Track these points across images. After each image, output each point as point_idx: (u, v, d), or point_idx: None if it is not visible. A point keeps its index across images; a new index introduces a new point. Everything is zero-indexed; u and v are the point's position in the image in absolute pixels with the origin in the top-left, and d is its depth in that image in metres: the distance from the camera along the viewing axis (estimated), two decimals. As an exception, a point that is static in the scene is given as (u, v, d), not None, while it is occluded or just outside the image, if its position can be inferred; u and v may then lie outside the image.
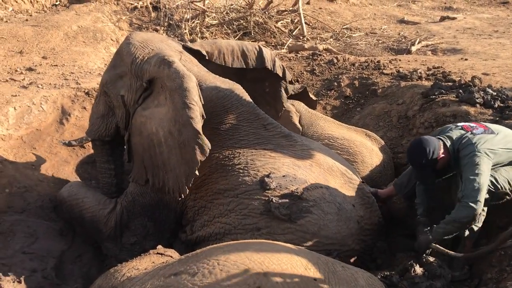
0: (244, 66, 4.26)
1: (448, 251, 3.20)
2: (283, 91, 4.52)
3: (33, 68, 6.00)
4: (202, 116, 3.39)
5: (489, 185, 3.21)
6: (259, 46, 4.36)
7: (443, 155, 3.34)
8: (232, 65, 4.22)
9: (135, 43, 3.82)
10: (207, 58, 4.10)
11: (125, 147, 3.97)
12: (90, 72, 6.15)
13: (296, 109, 5.10)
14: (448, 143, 3.38)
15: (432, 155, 3.30)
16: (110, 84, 3.89)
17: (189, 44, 4.16)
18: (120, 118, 3.93)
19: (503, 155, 3.33)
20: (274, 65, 4.35)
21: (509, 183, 3.31)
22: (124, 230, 3.76)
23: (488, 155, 3.23)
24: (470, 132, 3.38)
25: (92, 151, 4.46)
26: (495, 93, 5.04)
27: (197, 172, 3.31)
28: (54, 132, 5.03)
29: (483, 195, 3.12)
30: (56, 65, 6.24)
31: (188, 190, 3.38)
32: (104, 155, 4.15)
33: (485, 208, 3.25)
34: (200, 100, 3.41)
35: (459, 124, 3.58)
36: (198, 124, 3.31)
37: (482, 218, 3.26)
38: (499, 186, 3.27)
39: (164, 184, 3.52)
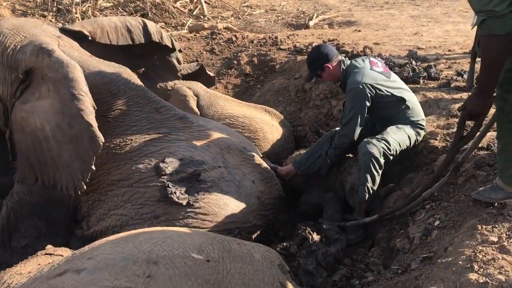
0: (130, 43, 4.08)
1: (363, 219, 3.35)
2: (174, 61, 4.43)
3: None
4: (93, 106, 3.21)
5: (384, 150, 3.38)
6: (142, 20, 4.20)
7: (330, 68, 3.66)
8: (118, 42, 4.02)
9: (4, 31, 3.49)
10: (90, 38, 3.86)
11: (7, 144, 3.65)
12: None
13: (193, 91, 5.00)
14: (345, 65, 3.67)
15: (319, 60, 3.68)
16: None
17: (67, 26, 3.88)
18: None
19: (389, 101, 3.56)
20: (161, 37, 4.22)
21: (399, 145, 3.48)
22: (13, 233, 3.47)
23: (369, 89, 3.49)
24: (369, 68, 3.62)
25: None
26: (384, 61, 5.28)
27: (93, 167, 3.16)
28: None
29: (356, 126, 3.54)
30: None
31: (85, 186, 3.21)
32: None
33: (380, 172, 3.41)
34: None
35: (371, 57, 3.90)
36: (90, 115, 3.14)
37: (378, 179, 3.40)
38: (391, 148, 3.42)
39: (55, 181, 3.32)
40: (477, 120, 2.60)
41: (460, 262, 2.13)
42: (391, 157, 3.45)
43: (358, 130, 3.56)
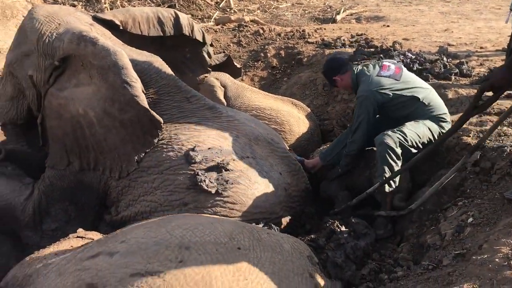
0: (161, 34, 4.06)
1: (394, 212, 3.36)
2: (205, 55, 4.41)
3: None
4: (143, 91, 3.29)
5: (400, 140, 3.38)
6: (174, 12, 4.16)
7: (340, 80, 3.83)
8: (149, 33, 4.01)
9: (40, 18, 3.52)
10: (121, 28, 3.88)
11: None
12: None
13: (221, 82, 5.01)
14: (355, 74, 3.76)
15: (328, 74, 3.89)
16: (17, 64, 3.60)
17: (100, 14, 3.90)
18: (31, 100, 3.67)
19: (401, 101, 3.57)
20: (193, 30, 4.20)
21: (418, 136, 3.45)
22: (44, 216, 3.54)
23: (375, 95, 3.54)
24: (376, 74, 3.66)
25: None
26: (414, 57, 5.22)
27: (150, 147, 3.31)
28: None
29: (362, 132, 3.62)
30: (-40, 45, 5.73)
31: (133, 168, 3.32)
32: (18, 138, 3.88)
33: (399, 163, 3.39)
34: None
35: (384, 61, 3.91)
36: (144, 101, 3.24)
37: (396, 170, 3.37)
38: (408, 139, 3.40)
39: (97, 164, 3.41)
40: (496, 93, 2.64)
41: (496, 260, 2.09)
42: (412, 149, 3.43)
43: (365, 137, 3.64)
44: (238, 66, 5.42)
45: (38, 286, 2.26)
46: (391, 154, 3.35)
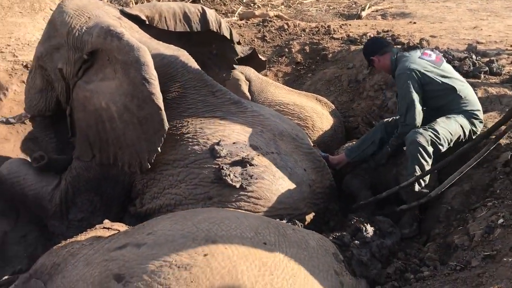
0: (188, 30, 4.07)
1: (415, 203, 3.30)
2: (231, 52, 4.39)
3: (-35, 41, 5.60)
4: (159, 89, 3.28)
5: (431, 138, 3.32)
6: (202, 8, 4.16)
7: (377, 61, 3.85)
8: (175, 29, 4.03)
9: (69, 12, 3.56)
10: (147, 23, 3.90)
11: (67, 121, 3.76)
12: (28, 44, 5.80)
13: (246, 76, 5.00)
14: (395, 56, 3.74)
15: (367, 53, 3.93)
16: (46, 57, 3.65)
17: (126, 8, 3.92)
18: (60, 92, 3.73)
19: (439, 89, 3.54)
20: (220, 26, 4.19)
21: (450, 133, 3.39)
22: (70, 206, 3.59)
23: (416, 74, 3.50)
24: (418, 56, 3.65)
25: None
26: (442, 54, 5.11)
27: (159, 149, 3.26)
28: (-9, 108, 4.74)
29: (415, 111, 3.49)
30: (-10, 38, 5.85)
31: (149, 166, 3.31)
32: (45, 130, 3.95)
33: (430, 161, 3.33)
34: None
35: (425, 49, 3.95)
36: (160, 99, 3.23)
37: (427, 169, 3.31)
38: (441, 137, 3.35)
39: (116, 159, 3.42)
40: None
41: (528, 262, 2.05)
42: (442, 147, 3.37)
43: (419, 115, 3.52)
44: (263, 59, 5.39)
45: (66, 274, 2.29)
46: (423, 153, 3.30)
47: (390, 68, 3.81)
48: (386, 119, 3.99)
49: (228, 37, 4.27)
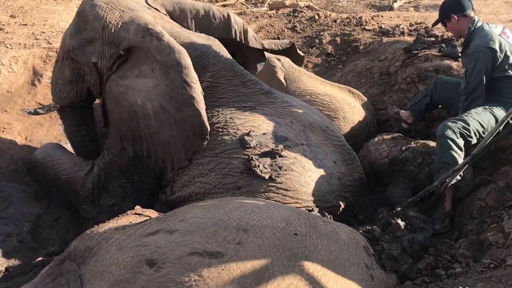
0: (208, 34, 3.93)
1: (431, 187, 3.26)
2: (255, 63, 4.30)
3: (1, 27, 5.71)
4: (202, 93, 3.32)
5: (460, 130, 3.27)
6: (228, 14, 4.06)
7: (456, 20, 3.66)
8: (194, 30, 3.97)
9: (101, 5, 3.52)
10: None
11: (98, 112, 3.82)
12: (62, 32, 5.87)
13: (281, 64, 4.99)
14: (473, 25, 3.59)
15: (450, 8, 3.68)
16: (79, 51, 3.63)
17: (150, 1, 3.84)
18: (93, 84, 3.77)
19: (503, 76, 3.46)
20: (246, 36, 4.08)
21: (481, 125, 3.32)
22: (102, 191, 3.66)
23: (493, 53, 3.39)
24: (498, 33, 3.51)
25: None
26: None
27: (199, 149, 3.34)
28: (26, 94, 4.84)
29: (481, 92, 3.45)
30: (26, 24, 5.95)
31: (187, 163, 3.38)
32: (76, 120, 4.03)
33: (461, 154, 3.27)
34: None
35: (505, 28, 3.69)
36: (201, 103, 3.28)
37: (459, 162, 3.24)
38: (471, 129, 3.29)
39: (150, 154, 3.48)
40: None
41: None
42: (472, 139, 3.31)
43: (483, 99, 3.49)
44: (301, 54, 5.34)
45: (99, 258, 2.33)
46: (452, 145, 3.23)
47: (463, 34, 3.68)
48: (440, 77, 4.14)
49: (253, 46, 4.15)
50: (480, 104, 3.48)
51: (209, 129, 3.30)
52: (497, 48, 3.40)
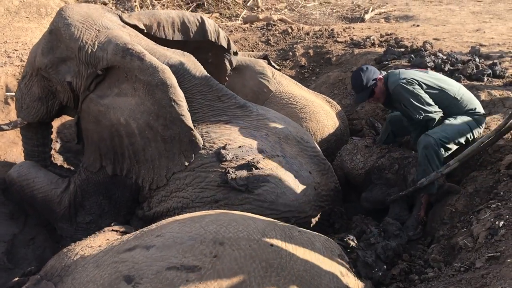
0: (186, 39, 4.09)
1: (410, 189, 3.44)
2: (227, 63, 4.43)
3: (-27, 46, 5.65)
4: (188, 109, 3.37)
5: (441, 140, 3.39)
6: (201, 17, 4.17)
7: (381, 81, 3.75)
8: (173, 38, 4.05)
9: (76, 24, 3.51)
10: (145, 31, 3.90)
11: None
12: (35, 49, 5.85)
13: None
14: (383, 77, 3.78)
15: (364, 82, 3.74)
16: (52, 69, 3.61)
17: (125, 16, 3.88)
18: (67, 102, 3.78)
19: (435, 93, 3.59)
20: (218, 36, 4.23)
21: (459, 134, 3.46)
22: (79, 209, 3.64)
23: (410, 81, 3.56)
24: (404, 69, 3.79)
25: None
26: (445, 57, 5.16)
27: (186, 164, 3.37)
28: (-1, 112, 4.79)
29: (428, 108, 3.52)
30: (-2, 43, 5.90)
31: (164, 182, 3.40)
32: (40, 137, 4.04)
33: (439, 164, 3.37)
34: None
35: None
36: (189, 120, 3.34)
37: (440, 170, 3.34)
38: (450, 138, 3.43)
39: (130, 172, 3.48)
40: None
41: (532, 263, 2.07)
42: (452, 148, 3.45)
43: (434, 108, 3.54)
44: (277, 67, 5.43)
45: (77, 276, 2.34)
46: (433, 155, 3.36)
47: (384, 91, 3.77)
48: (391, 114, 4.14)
49: (226, 47, 4.30)
50: (438, 117, 3.56)
51: (201, 143, 3.36)
52: (410, 76, 3.60)
